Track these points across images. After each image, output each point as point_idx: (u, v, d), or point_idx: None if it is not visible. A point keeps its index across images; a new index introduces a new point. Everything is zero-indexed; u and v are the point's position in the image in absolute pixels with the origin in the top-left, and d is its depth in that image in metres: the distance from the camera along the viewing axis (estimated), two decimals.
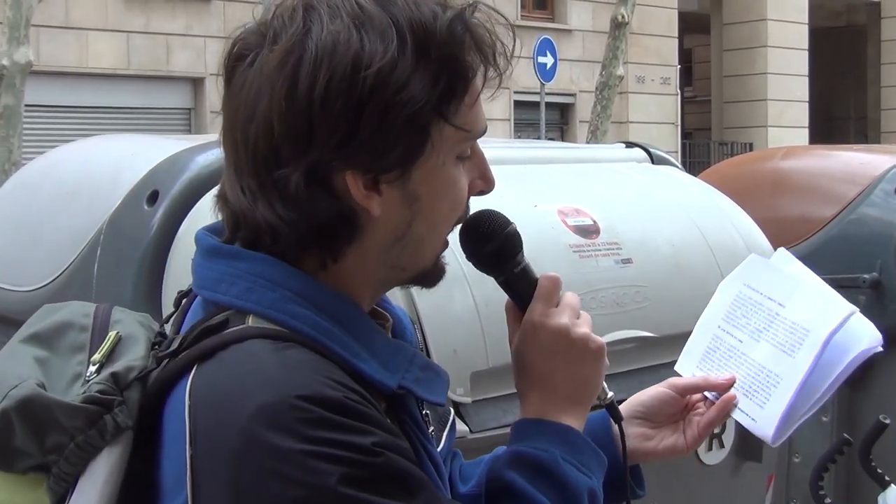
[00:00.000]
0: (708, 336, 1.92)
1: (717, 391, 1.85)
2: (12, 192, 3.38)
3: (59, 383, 1.49)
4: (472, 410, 2.65)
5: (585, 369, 1.66)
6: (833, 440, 3.97)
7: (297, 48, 1.42)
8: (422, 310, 2.64)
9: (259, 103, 1.44)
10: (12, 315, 2.90)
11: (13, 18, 11.78)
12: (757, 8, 28.23)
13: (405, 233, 1.50)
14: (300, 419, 1.32)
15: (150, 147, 3.06)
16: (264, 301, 1.45)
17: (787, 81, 28.33)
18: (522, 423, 1.65)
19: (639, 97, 25.89)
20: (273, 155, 1.43)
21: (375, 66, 1.40)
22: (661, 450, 1.85)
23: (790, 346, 1.82)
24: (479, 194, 1.59)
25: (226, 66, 1.50)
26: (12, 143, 11.76)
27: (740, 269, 1.96)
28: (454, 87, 1.46)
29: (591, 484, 1.60)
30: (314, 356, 1.40)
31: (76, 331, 1.57)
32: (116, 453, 1.46)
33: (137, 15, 19.32)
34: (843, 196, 4.30)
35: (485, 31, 1.49)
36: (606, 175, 3.60)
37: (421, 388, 1.52)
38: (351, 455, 1.33)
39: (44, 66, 16.77)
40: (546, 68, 19.78)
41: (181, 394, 1.41)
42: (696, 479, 3.29)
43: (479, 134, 1.53)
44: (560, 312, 1.65)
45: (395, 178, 1.45)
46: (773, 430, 1.80)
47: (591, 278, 3.03)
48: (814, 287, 1.90)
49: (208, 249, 1.53)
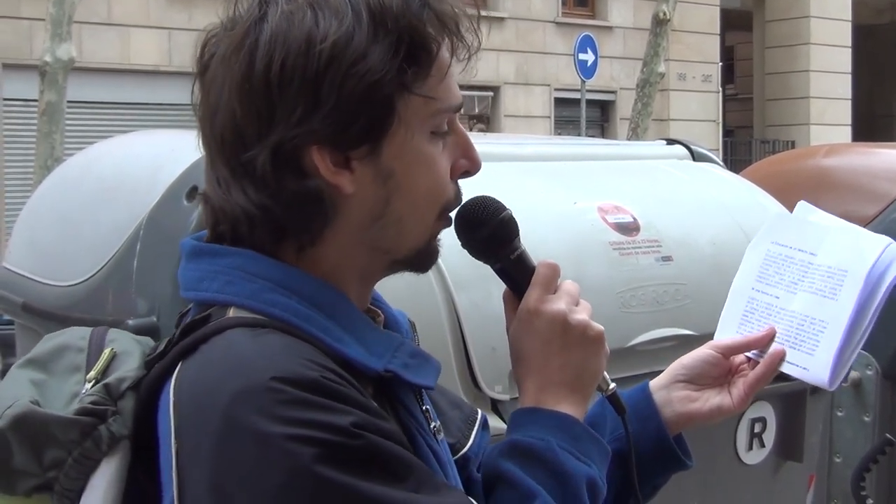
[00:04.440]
0: (743, 300, 1.90)
1: (758, 347, 1.83)
2: (53, 188, 3.40)
3: (57, 403, 1.49)
4: (510, 407, 2.64)
5: (583, 356, 1.62)
6: (875, 440, 3.94)
7: (252, 31, 1.43)
8: (461, 307, 2.64)
9: (222, 92, 1.44)
10: (53, 310, 2.91)
11: (56, 15, 11.86)
12: (800, 5, 28.06)
13: (383, 212, 1.48)
14: (276, 400, 1.31)
15: (190, 143, 3.04)
16: (244, 292, 1.44)
17: (829, 79, 28.15)
18: (518, 412, 1.62)
19: (680, 94, 25.80)
20: (239, 139, 1.43)
21: (330, 40, 1.40)
22: (706, 410, 1.82)
23: (831, 291, 1.80)
24: (465, 175, 1.56)
25: (199, 63, 1.50)
26: (55, 139, 11.86)
27: (765, 228, 1.95)
28: (416, 57, 1.45)
29: (590, 472, 1.56)
30: (291, 339, 1.39)
31: (73, 352, 1.57)
32: (115, 464, 1.46)
33: (179, 11, 19.41)
34: (885, 194, 4.27)
35: (447, 5, 1.48)
36: (647, 172, 3.58)
37: (409, 373, 1.49)
38: (328, 436, 1.31)
39: (86, 62, 16.87)
40: (587, 65, 19.75)
41: (168, 392, 1.41)
42: (736, 479, 3.27)
43: (452, 107, 1.51)
44: (557, 298, 1.62)
45: (364, 154, 1.44)
46: (829, 373, 1.77)
47: (631, 276, 3.01)
48: (843, 230, 1.88)
49: (190, 252, 1.53)
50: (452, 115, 1.52)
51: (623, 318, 2.96)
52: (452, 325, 2.64)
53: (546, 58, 23.66)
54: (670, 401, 1.82)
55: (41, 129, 11.97)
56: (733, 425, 3.22)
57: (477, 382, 2.66)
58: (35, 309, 3.03)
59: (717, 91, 26.73)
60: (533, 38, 23.36)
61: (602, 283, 2.96)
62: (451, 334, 2.64)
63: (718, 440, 3.16)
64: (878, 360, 3.94)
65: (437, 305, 2.61)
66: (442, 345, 2.59)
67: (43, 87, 11.92)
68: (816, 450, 3.52)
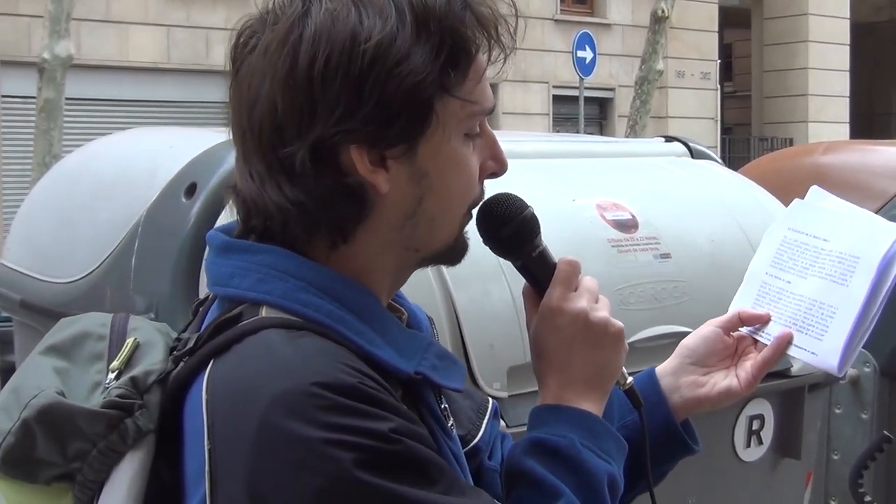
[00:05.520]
0: (756, 284, 1.91)
1: (755, 323, 1.84)
2: (51, 185, 3.40)
3: (80, 392, 1.49)
4: (508, 405, 2.64)
5: (604, 353, 1.64)
6: (873, 437, 3.94)
7: (297, 27, 1.43)
8: (459, 304, 2.64)
9: (262, 85, 1.44)
10: (51, 307, 2.91)
11: (54, 12, 11.85)
12: (798, 2, 28.06)
13: (416, 211, 1.49)
14: (317, 406, 1.31)
15: (188, 140, 3.06)
16: (276, 291, 1.44)
17: (827, 76, 28.16)
18: (540, 408, 1.63)
19: (678, 92, 25.80)
20: (277, 134, 1.43)
21: (374, 39, 1.40)
22: (715, 395, 1.82)
23: (841, 276, 1.80)
24: (492, 176, 1.58)
25: (234, 55, 1.50)
26: (53, 136, 11.85)
27: (784, 215, 1.95)
28: (457, 60, 1.45)
29: (610, 469, 1.58)
30: (329, 343, 1.40)
31: (94, 340, 1.57)
32: (139, 458, 1.46)
33: (178, 8, 19.40)
34: (884, 191, 4.27)
35: (486, 8, 1.49)
36: (645, 169, 3.58)
37: (438, 375, 1.51)
38: (369, 442, 1.32)
39: (84, 59, 16.85)
40: (585, 63, 19.75)
41: (199, 389, 1.41)
42: (734, 476, 3.27)
43: (486, 110, 1.52)
44: (579, 296, 1.64)
45: (401, 153, 1.45)
46: (838, 360, 1.77)
47: (630, 273, 3.01)
48: (854, 216, 1.88)
49: (220, 246, 1.53)
50: (484, 117, 1.54)
51: (621, 315, 2.93)
52: (451, 323, 2.64)
53: (544, 55, 23.65)
54: (678, 387, 1.83)
55: (39, 126, 11.95)
56: (731, 422, 3.22)
57: (475, 380, 2.65)
58: (33, 306, 3.03)
59: (715, 88, 26.73)
60: (531, 36, 23.33)
61: (600, 280, 2.91)
62: (450, 332, 2.64)
63: (716, 437, 3.16)
64: (876, 358, 3.95)
65: (436, 303, 2.61)
66: (440, 342, 2.59)
67: (41, 84, 11.90)
68: (814, 447, 3.52)
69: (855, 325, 1.77)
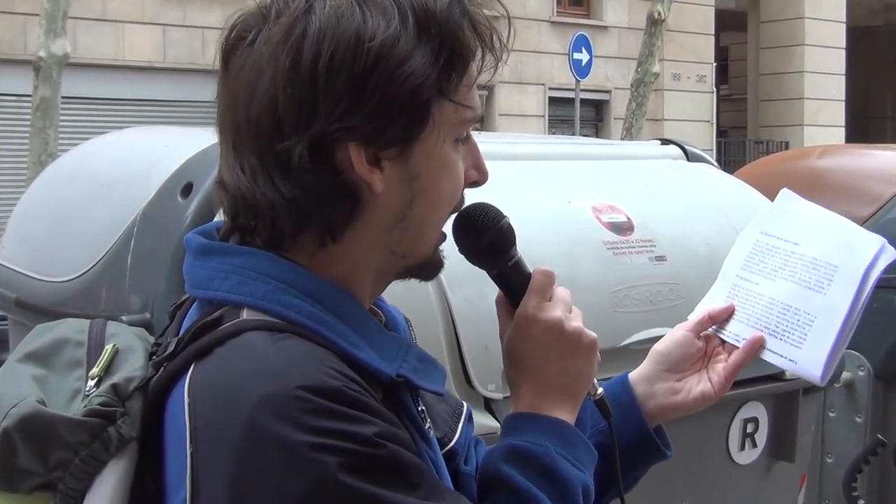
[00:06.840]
0: (727, 286, 1.91)
1: (724, 316, 1.86)
2: (47, 184, 3.40)
3: (59, 400, 1.48)
4: (502, 406, 2.64)
5: (578, 363, 1.64)
6: (867, 441, 3.94)
7: (300, 22, 1.42)
8: (454, 305, 2.64)
9: (261, 80, 1.43)
10: (46, 305, 2.91)
11: (50, 10, 11.84)
12: (794, 6, 28.07)
13: (405, 214, 1.49)
14: (303, 409, 1.31)
15: (184, 139, 3.06)
16: (257, 293, 1.43)
17: (823, 80, 28.16)
18: (516, 416, 1.63)
19: (674, 94, 25.81)
20: (276, 128, 1.42)
21: (379, 39, 1.41)
22: (691, 401, 1.83)
23: (817, 283, 1.80)
24: (473, 185, 1.58)
25: (224, 47, 1.49)
26: (49, 135, 11.83)
27: (756, 218, 1.96)
28: (455, 64, 1.46)
29: (584, 478, 1.59)
30: (312, 346, 1.39)
31: (72, 347, 1.56)
32: (122, 466, 1.45)
33: (174, 8, 19.41)
34: (879, 195, 4.28)
35: (482, 17, 1.50)
36: (641, 172, 3.59)
37: (419, 377, 1.50)
38: (353, 446, 1.32)
39: (80, 58, 16.82)
40: (581, 65, 19.77)
41: (180, 393, 1.40)
42: (728, 478, 3.27)
43: (477, 117, 1.53)
44: (554, 306, 1.64)
45: (396, 154, 1.45)
46: (821, 369, 1.77)
47: (625, 275, 3.02)
48: (827, 221, 1.88)
49: (199, 249, 1.51)
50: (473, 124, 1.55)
51: (616, 317, 2.97)
52: (446, 324, 2.64)
53: (541, 57, 23.66)
54: (653, 394, 1.84)
55: (35, 124, 11.94)
56: (726, 425, 3.22)
57: (470, 381, 2.66)
58: (28, 305, 3.03)
59: (711, 91, 26.74)
60: (527, 37, 23.32)
61: (596, 282, 2.96)
62: (445, 332, 2.64)
63: (710, 440, 3.16)
64: (869, 361, 3.95)
65: (431, 304, 2.61)
66: (435, 343, 2.59)
67: (37, 82, 11.88)
68: (808, 450, 3.52)
69: (838, 337, 1.77)
